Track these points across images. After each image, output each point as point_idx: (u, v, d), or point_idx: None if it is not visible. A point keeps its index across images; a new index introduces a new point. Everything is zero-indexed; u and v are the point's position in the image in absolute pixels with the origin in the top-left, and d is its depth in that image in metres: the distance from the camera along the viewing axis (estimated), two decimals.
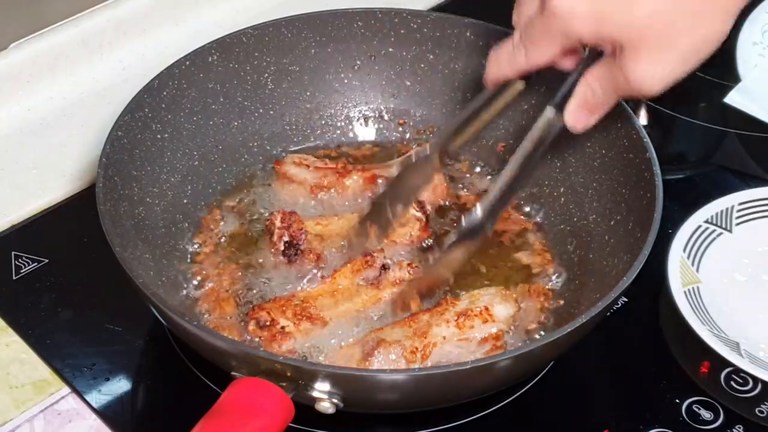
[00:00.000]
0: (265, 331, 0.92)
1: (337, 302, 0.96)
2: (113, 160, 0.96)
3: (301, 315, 0.93)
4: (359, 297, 0.96)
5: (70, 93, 1.10)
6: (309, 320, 0.93)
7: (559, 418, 0.95)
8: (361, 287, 0.97)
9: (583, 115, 0.90)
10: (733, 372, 0.96)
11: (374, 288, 0.97)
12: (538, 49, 0.88)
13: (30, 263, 1.05)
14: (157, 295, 0.86)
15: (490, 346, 0.92)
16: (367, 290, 0.97)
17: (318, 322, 0.94)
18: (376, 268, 0.98)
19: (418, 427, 0.93)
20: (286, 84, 1.12)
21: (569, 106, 0.90)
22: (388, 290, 0.97)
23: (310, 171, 1.07)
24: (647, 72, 0.84)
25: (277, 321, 0.93)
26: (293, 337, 0.92)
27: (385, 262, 0.98)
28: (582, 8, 0.83)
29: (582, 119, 0.91)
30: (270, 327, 0.92)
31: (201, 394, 0.91)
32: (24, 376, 0.96)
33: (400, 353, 0.90)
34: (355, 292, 0.97)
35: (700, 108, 1.24)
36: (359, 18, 1.11)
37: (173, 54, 1.05)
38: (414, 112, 1.14)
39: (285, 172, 1.07)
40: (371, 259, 0.98)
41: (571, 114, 0.90)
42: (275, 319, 0.93)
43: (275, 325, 0.92)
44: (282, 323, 0.93)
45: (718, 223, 1.05)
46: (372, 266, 0.98)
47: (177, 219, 1.02)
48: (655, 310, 1.03)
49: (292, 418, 0.81)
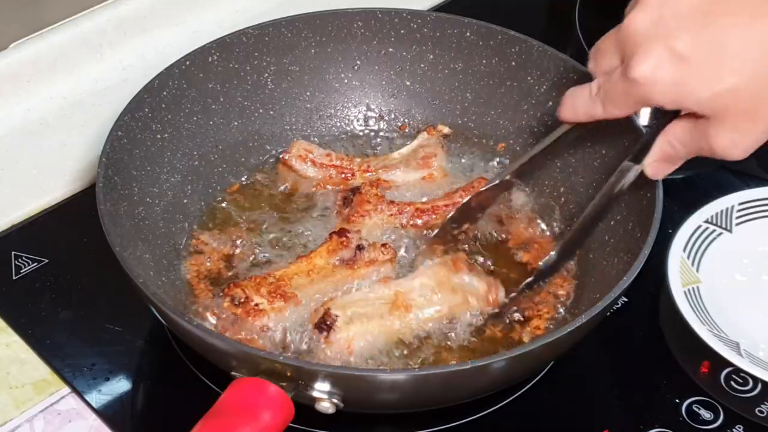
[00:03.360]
0: (239, 309, 0.93)
1: (312, 281, 0.96)
2: (113, 160, 0.96)
3: (275, 293, 0.94)
4: (333, 276, 0.97)
5: (70, 93, 1.10)
6: (282, 298, 0.94)
7: (559, 418, 0.95)
8: (336, 267, 0.97)
9: (663, 168, 0.91)
10: (733, 372, 0.96)
11: (349, 268, 0.97)
12: (617, 107, 0.87)
13: (30, 263, 1.05)
14: (157, 295, 0.86)
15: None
16: (342, 270, 0.97)
17: (291, 300, 0.94)
18: (351, 248, 0.98)
19: (418, 427, 0.93)
20: (286, 84, 1.12)
21: (649, 158, 0.90)
22: (362, 270, 0.97)
23: (315, 167, 1.07)
24: (732, 142, 0.84)
25: (251, 298, 0.93)
26: (266, 315, 0.93)
27: (360, 243, 0.98)
28: (665, 79, 0.82)
29: (662, 171, 0.91)
30: (244, 304, 0.93)
31: (201, 394, 0.91)
32: (24, 376, 0.96)
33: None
34: (330, 272, 0.97)
35: None
36: (359, 18, 1.11)
37: (173, 54, 1.05)
38: (414, 112, 1.14)
39: (291, 164, 1.07)
40: (346, 240, 0.98)
41: (651, 166, 0.91)
42: (249, 296, 0.94)
43: (249, 302, 0.93)
44: (256, 300, 0.93)
45: (718, 223, 1.05)
46: (347, 246, 0.98)
47: (177, 219, 1.02)
48: (655, 310, 1.03)
49: (292, 418, 0.81)
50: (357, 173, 1.08)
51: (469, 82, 1.12)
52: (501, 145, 1.11)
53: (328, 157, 1.09)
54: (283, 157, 1.08)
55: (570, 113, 0.92)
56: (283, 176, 1.08)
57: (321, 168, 1.08)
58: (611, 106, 0.87)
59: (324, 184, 1.08)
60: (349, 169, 1.08)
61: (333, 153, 1.09)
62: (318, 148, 1.09)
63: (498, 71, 1.10)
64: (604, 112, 0.88)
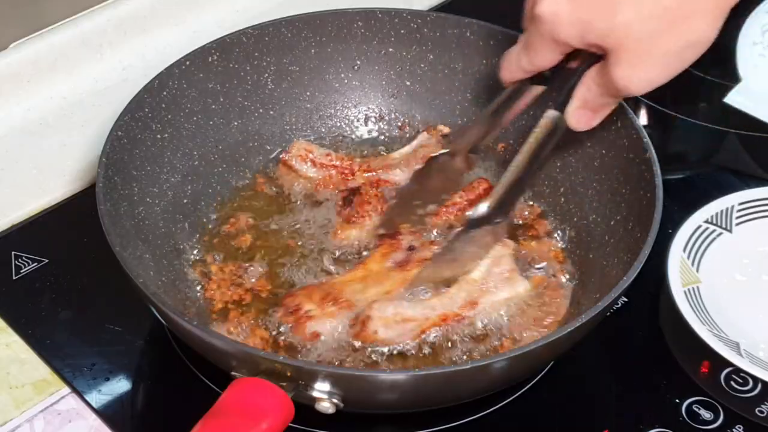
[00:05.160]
0: (291, 317, 0.94)
1: (367, 287, 0.97)
2: (113, 160, 0.96)
3: (326, 299, 0.95)
4: (388, 280, 0.98)
5: (70, 93, 1.10)
6: (334, 303, 0.95)
7: (559, 418, 0.95)
8: (391, 270, 0.98)
9: (584, 116, 0.93)
10: (733, 372, 0.96)
11: (401, 270, 0.98)
12: (538, 53, 0.91)
13: (30, 263, 1.05)
14: (157, 295, 0.86)
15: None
16: (395, 273, 0.98)
17: (344, 305, 0.95)
18: (402, 250, 0.99)
19: (418, 427, 0.93)
20: (286, 84, 1.12)
21: (570, 106, 0.93)
22: (414, 270, 0.98)
23: (315, 168, 1.07)
24: (628, 75, 0.86)
25: (302, 306, 0.94)
26: (317, 320, 0.94)
27: (411, 243, 1.00)
28: (564, 15, 0.86)
29: (583, 119, 0.93)
30: (295, 312, 0.94)
31: (201, 394, 0.91)
32: (24, 376, 0.96)
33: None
34: (385, 276, 0.98)
35: (700, 108, 1.24)
36: (359, 18, 1.11)
37: (173, 54, 1.05)
38: (414, 112, 1.14)
39: (291, 164, 1.07)
40: (397, 243, 1.00)
41: (572, 114, 0.93)
42: (300, 304, 0.94)
43: (300, 310, 0.94)
44: (307, 308, 0.94)
45: (718, 223, 1.05)
46: (399, 248, 0.99)
47: (177, 219, 1.02)
48: (655, 310, 1.03)
49: (292, 418, 0.81)
50: (357, 173, 1.08)
51: (469, 82, 1.12)
52: (501, 146, 1.11)
53: (328, 157, 1.09)
54: (283, 157, 1.08)
55: (507, 74, 0.96)
56: (284, 176, 1.08)
57: (321, 168, 1.08)
58: (533, 53, 0.91)
59: (324, 184, 1.08)
60: (350, 169, 1.08)
61: (333, 153, 1.09)
62: (318, 148, 1.09)
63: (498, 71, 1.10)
64: (529, 61, 0.92)
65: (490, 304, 0.96)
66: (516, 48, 0.94)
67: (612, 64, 0.86)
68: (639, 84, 0.87)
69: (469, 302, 0.95)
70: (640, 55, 0.85)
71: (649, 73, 0.86)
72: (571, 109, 0.93)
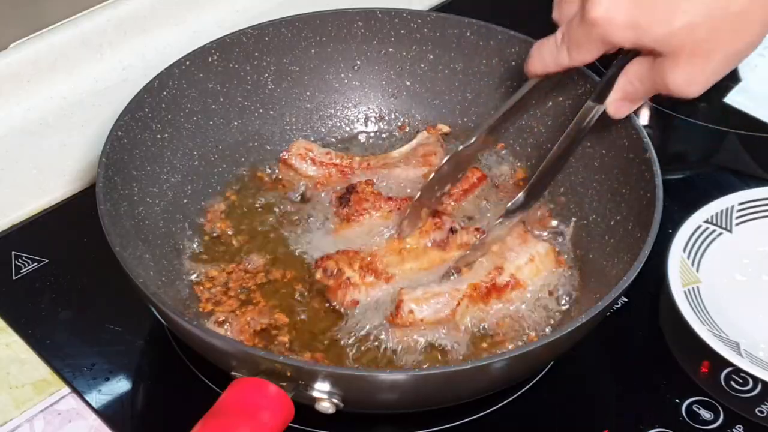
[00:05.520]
0: (331, 280, 0.96)
1: (404, 260, 0.98)
2: (113, 160, 0.96)
3: (367, 269, 0.96)
4: (426, 257, 0.99)
5: (70, 93, 1.10)
6: (374, 274, 0.96)
7: (559, 418, 0.95)
8: (429, 248, 0.99)
9: (624, 106, 0.94)
10: (733, 372, 0.96)
11: (441, 249, 0.99)
12: (581, 51, 0.90)
13: (30, 263, 1.05)
14: (157, 295, 0.86)
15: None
16: (434, 251, 0.99)
17: (383, 277, 0.96)
18: (444, 230, 1.00)
19: (418, 427, 0.93)
20: (286, 84, 1.12)
21: (611, 97, 0.93)
22: (454, 252, 0.99)
23: (315, 166, 1.08)
24: (685, 79, 0.87)
25: (343, 271, 0.95)
26: (357, 289, 0.95)
27: (453, 226, 1.00)
28: (620, 18, 0.85)
29: (623, 110, 0.94)
30: (336, 276, 0.96)
31: (201, 394, 0.91)
32: (24, 376, 0.96)
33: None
34: (422, 253, 0.99)
35: (700, 108, 1.24)
36: (359, 18, 1.11)
37: (173, 54, 1.05)
38: (414, 112, 1.14)
39: (291, 163, 1.08)
40: (440, 222, 1.00)
41: (613, 104, 0.94)
42: (342, 269, 0.96)
43: (342, 275, 0.95)
44: (348, 274, 0.95)
45: (718, 223, 1.05)
46: (441, 228, 1.00)
47: (177, 219, 1.02)
48: (655, 310, 1.03)
49: (292, 418, 0.81)
50: (357, 171, 1.08)
51: (469, 82, 1.12)
52: (501, 145, 1.11)
53: (328, 156, 1.09)
54: (282, 156, 1.08)
55: (538, 65, 0.95)
56: (284, 175, 1.09)
57: (321, 166, 1.08)
58: (575, 51, 0.90)
59: (324, 182, 1.08)
60: (349, 167, 1.08)
61: (332, 152, 1.09)
62: (318, 147, 1.09)
63: (498, 71, 1.10)
64: (570, 58, 0.91)
65: (515, 267, 0.97)
66: (552, 41, 0.93)
67: (668, 67, 0.86)
68: (695, 87, 0.87)
69: (494, 269, 0.97)
70: (699, 61, 0.85)
71: (705, 76, 0.87)
72: (612, 100, 0.93)
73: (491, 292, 0.96)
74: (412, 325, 0.94)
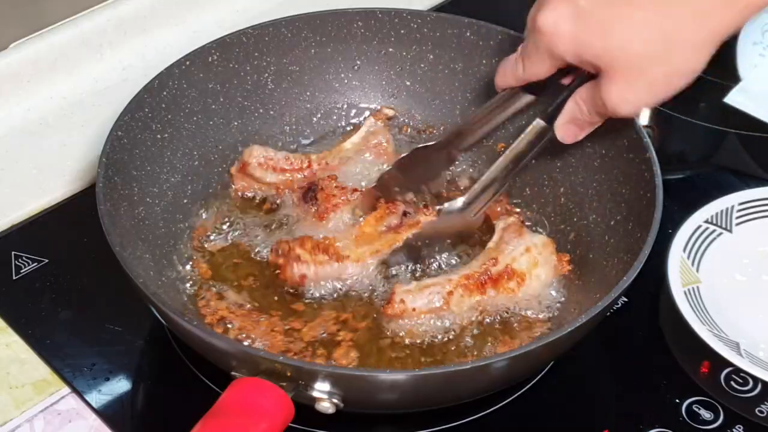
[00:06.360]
0: (281, 259, 0.97)
1: (358, 245, 0.99)
2: (113, 160, 0.96)
3: (319, 248, 0.97)
4: (378, 240, 1.00)
5: (70, 93, 1.10)
6: (325, 253, 0.97)
7: (559, 418, 0.95)
8: (382, 233, 1.00)
9: (570, 130, 0.97)
10: (733, 372, 0.96)
11: (394, 232, 1.00)
12: (533, 64, 0.94)
13: (30, 263, 1.05)
14: (157, 295, 0.86)
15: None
16: (387, 234, 1.00)
17: (333, 256, 0.97)
18: (398, 215, 1.01)
19: (418, 427, 0.93)
20: (286, 84, 1.12)
21: (558, 120, 0.97)
22: (405, 233, 1.00)
23: (276, 172, 1.06)
24: (619, 95, 0.89)
25: (294, 249, 0.97)
26: (306, 264, 0.96)
27: (406, 209, 1.01)
28: (564, 30, 0.88)
29: (570, 134, 0.97)
30: (287, 255, 0.97)
31: (201, 394, 0.91)
32: (24, 376, 0.96)
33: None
34: (376, 237, 1.00)
35: (700, 108, 1.24)
36: (359, 18, 1.11)
37: (173, 54, 1.05)
38: (414, 112, 1.14)
39: (251, 173, 1.06)
40: (394, 207, 1.01)
41: (560, 128, 0.97)
42: (293, 248, 0.97)
43: (292, 253, 0.97)
44: (298, 252, 0.97)
45: (718, 223, 1.05)
46: (395, 213, 1.01)
47: (177, 219, 1.02)
48: (655, 310, 1.03)
49: (292, 418, 0.81)
50: (317, 171, 1.07)
51: (469, 82, 1.12)
52: (500, 145, 1.11)
53: (287, 161, 1.07)
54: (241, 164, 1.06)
55: (501, 80, 1.00)
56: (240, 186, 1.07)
57: (282, 172, 1.06)
58: (528, 63, 0.94)
59: (285, 187, 1.06)
60: (308, 168, 1.07)
61: (291, 155, 1.08)
62: (275, 152, 1.07)
63: None
64: (525, 71, 0.95)
65: (510, 258, 0.97)
66: (513, 55, 0.97)
67: (604, 84, 0.89)
68: (627, 106, 0.89)
69: (489, 259, 0.97)
70: (632, 78, 0.88)
71: (638, 95, 0.89)
72: (559, 123, 0.96)
73: (487, 281, 0.96)
74: (404, 315, 0.94)
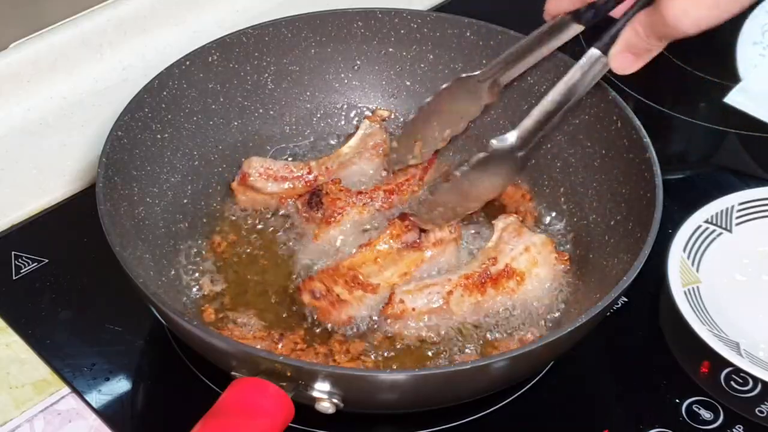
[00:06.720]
0: (322, 301, 0.94)
1: (381, 268, 0.97)
2: (113, 160, 0.96)
3: (353, 283, 0.95)
4: (402, 261, 0.98)
5: (70, 93, 1.10)
6: (361, 288, 0.95)
7: (559, 418, 0.95)
8: (403, 250, 0.98)
9: (627, 59, 0.93)
10: (733, 372, 0.96)
11: (416, 250, 0.98)
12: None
13: (30, 263, 1.05)
14: (157, 295, 0.86)
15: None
16: (409, 252, 0.98)
17: (369, 288, 0.95)
18: (415, 231, 0.99)
19: (418, 427, 0.93)
20: (286, 84, 1.12)
21: (614, 48, 0.93)
22: (430, 251, 0.98)
23: (277, 182, 1.06)
24: (681, 11, 0.86)
25: (332, 290, 0.94)
26: (350, 305, 0.94)
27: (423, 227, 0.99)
28: None
29: (626, 63, 0.93)
30: (326, 296, 0.94)
31: (201, 394, 0.91)
32: (24, 376, 0.96)
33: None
34: (398, 256, 0.98)
35: (700, 108, 1.24)
36: (359, 18, 1.11)
37: (173, 54, 1.05)
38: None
39: (252, 184, 1.05)
40: (410, 223, 0.99)
41: (616, 57, 0.93)
42: (330, 288, 0.94)
43: (331, 294, 0.94)
44: (337, 291, 0.94)
45: (718, 223, 1.05)
46: (411, 230, 0.99)
47: (177, 219, 1.03)
48: (655, 310, 1.03)
49: (292, 418, 0.81)
50: (319, 177, 1.07)
51: None
52: None
53: (287, 169, 1.06)
54: (242, 177, 1.06)
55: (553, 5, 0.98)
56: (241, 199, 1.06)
57: (283, 181, 1.06)
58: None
59: (287, 196, 1.06)
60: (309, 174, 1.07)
61: (290, 163, 1.08)
62: (274, 162, 1.07)
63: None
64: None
65: (510, 257, 0.97)
66: None
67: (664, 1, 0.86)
68: (688, 20, 0.86)
69: (488, 259, 0.97)
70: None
71: (700, 9, 0.86)
72: (615, 51, 0.93)
73: (486, 281, 0.96)
74: (404, 315, 0.94)
